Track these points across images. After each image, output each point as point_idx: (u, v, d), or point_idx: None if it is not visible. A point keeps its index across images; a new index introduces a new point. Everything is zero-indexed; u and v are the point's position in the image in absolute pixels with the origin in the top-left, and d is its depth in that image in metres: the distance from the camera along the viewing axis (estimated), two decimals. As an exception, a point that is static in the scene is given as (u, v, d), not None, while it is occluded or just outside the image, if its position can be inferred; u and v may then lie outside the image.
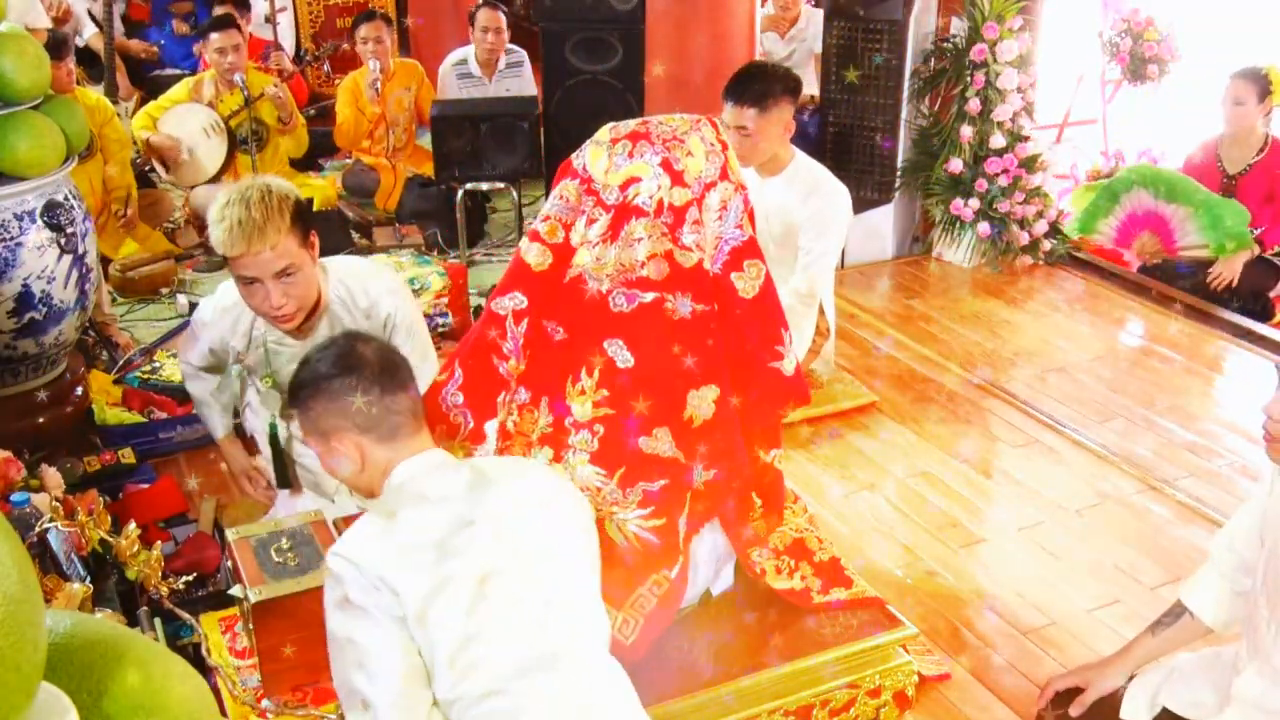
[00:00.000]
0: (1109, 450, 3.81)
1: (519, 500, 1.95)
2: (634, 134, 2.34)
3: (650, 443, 2.32)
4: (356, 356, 1.98)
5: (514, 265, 2.43)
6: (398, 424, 1.96)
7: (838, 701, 2.55)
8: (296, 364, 2.09)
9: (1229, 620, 2.21)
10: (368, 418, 1.94)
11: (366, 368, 1.96)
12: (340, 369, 1.96)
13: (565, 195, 2.39)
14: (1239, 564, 2.16)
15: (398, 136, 5.94)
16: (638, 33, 5.04)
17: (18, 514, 2.49)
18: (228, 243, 2.48)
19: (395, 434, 1.96)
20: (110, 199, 4.96)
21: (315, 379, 1.98)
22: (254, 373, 2.84)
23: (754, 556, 2.69)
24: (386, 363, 2.01)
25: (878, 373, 4.34)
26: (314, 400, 1.98)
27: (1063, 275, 5.23)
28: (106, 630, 1.06)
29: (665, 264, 2.31)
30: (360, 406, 1.94)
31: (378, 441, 1.96)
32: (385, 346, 2.09)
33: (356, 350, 2.00)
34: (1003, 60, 5.00)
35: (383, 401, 1.95)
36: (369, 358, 1.99)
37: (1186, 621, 2.24)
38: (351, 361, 1.97)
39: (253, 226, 2.45)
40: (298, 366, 2.05)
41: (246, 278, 2.54)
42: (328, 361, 1.99)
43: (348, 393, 1.94)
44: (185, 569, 2.75)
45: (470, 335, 2.52)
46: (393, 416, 1.96)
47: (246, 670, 2.41)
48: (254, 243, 2.46)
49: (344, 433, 1.96)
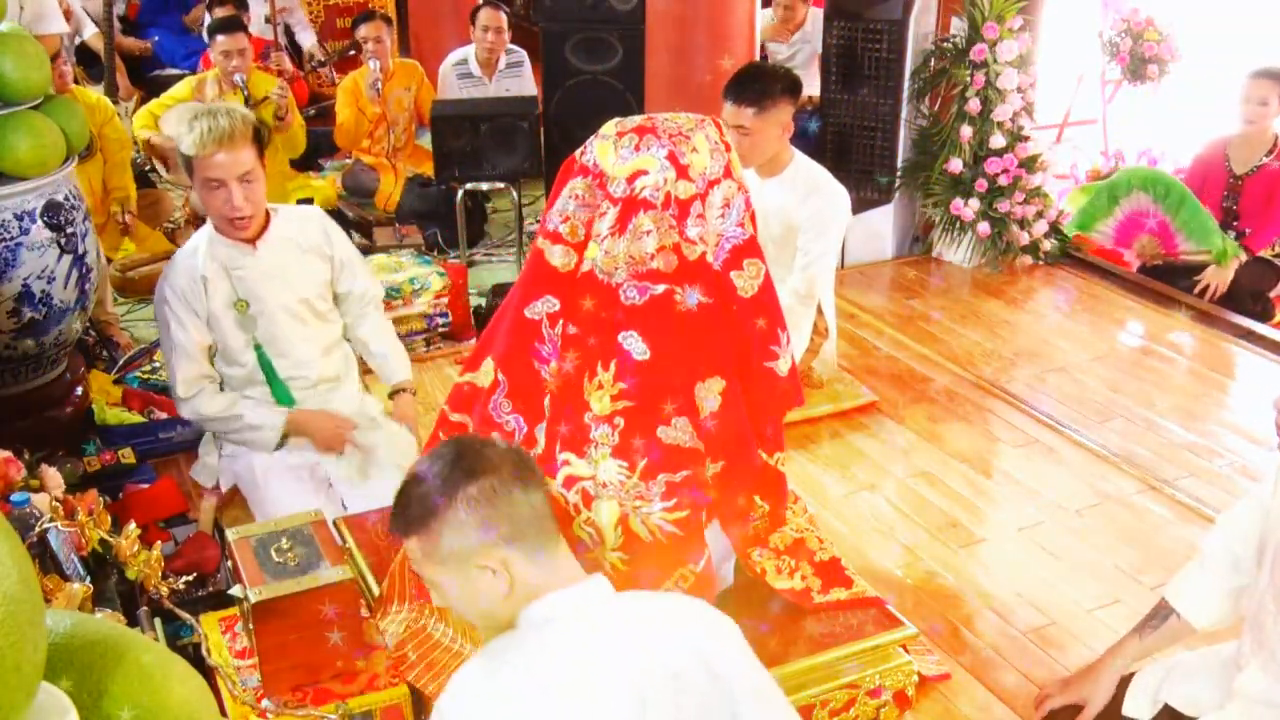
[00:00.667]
0: (1109, 450, 3.81)
1: (693, 646, 1.61)
2: (640, 128, 2.35)
3: (671, 433, 2.33)
4: (483, 457, 1.67)
5: (537, 269, 2.42)
6: (547, 532, 1.67)
7: (838, 701, 2.55)
8: (257, 282, 2.57)
9: (1217, 621, 2.21)
10: (514, 524, 1.63)
11: (503, 465, 1.67)
12: (472, 471, 1.65)
13: (577, 194, 2.39)
14: (1234, 563, 2.16)
15: (397, 136, 5.95)
16: (638, 33, 5.04)
17: (18, 514, 2.48)
18: (200, 144, 2.78)
19: (544, 544, 1.66)
20: (110, 199, 4.97)
21: (444, 489, 1.64)
22: (223, 320, 3.01)
23: (754, 556, 2.69)
24: (518, 456, 1.73)
25: (878, 373, 4.34)
26: (444, 516, 1.63)
27: (1063, 275, 5.23)
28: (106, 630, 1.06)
29: (674, 256, 2.32)
30: (506, 511, 1.63)
31: (527, 556, 1.64)
32: (502, 442, 1.78)
33: (478, 450, 1.70)
34: (1003, 60, 5.00)
35: (529, 500, 1.66)
36: (497, 454, 1.69)
37: (1173, 623, 2.25)
38: (481, 463, 1.66)
39: (221, 131, 2.78)
40: (407, 484, 1.73)
41: (213, 179, 2.83)
42: (452, 467, 1.66)
43: (490, 497, 1.63)
44: (185, 569, 2.75)
45: (501, 341, 2.50)
46: (542, 521, 1.67)
47: (246, 670, 2.41)
48: (224, 144, 2.78)
49: (489, 549, 1.62)
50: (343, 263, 3.17)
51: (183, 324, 2.97)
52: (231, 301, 2.99)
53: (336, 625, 2.35)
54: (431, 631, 2.54)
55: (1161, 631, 2.26)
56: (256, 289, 3.00)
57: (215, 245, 2.98)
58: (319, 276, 3.12)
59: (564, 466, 2.40)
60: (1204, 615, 2.21)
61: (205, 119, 2.80)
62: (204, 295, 2.97)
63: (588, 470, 2.36)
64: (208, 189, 2.87)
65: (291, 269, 3.04)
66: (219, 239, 2.98)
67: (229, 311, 3.00)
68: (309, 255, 3.09)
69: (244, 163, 2.83)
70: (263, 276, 3.00)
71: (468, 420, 2.51)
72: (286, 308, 3.04)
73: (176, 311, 2.97)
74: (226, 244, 2.98)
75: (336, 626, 2.36)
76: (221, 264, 2.98)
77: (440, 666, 2.46)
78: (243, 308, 3.00)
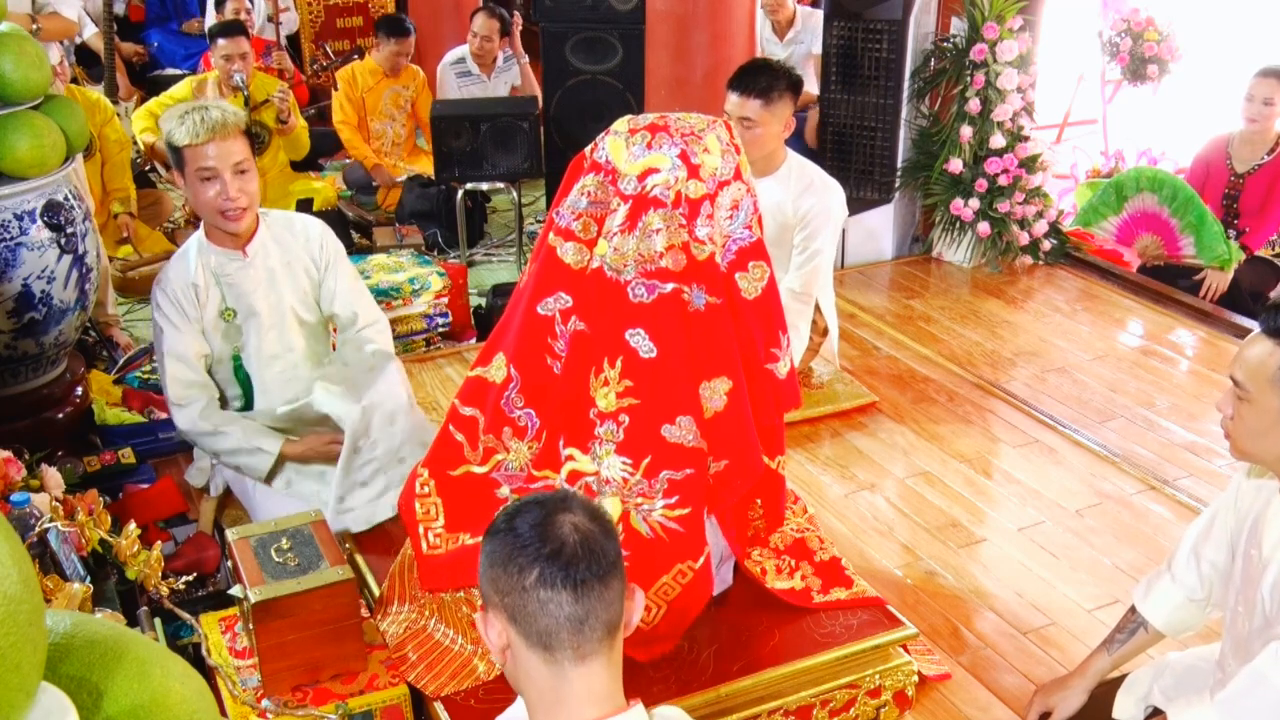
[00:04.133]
0: (1109, 450, 3.81)
1: None
2: (652, 126, 2.36)
3: (674, 431, 2.33)
4: (561, 537, 1.44)
5: (549, 266, 2.42)
6: (586, 652, 1.43)
7: (838, 701, 2.55)
8: (248, 290, 2.56)
9: (1186, 629, 2.27)
10: (539, 629, 1.43)
11: (582, 560, 1.43)
12: (539, 544, 1.44)
13: (589, 191, 2.39)
14: (1204, 572, 2.18)
15: (395, 132, 5.98)
16: (638, 33, 5.04)
17: (18, 514, 2.48)
18: (193, 133, 2.77)
19: (583, 658, 1.43)
20: (110, 199, 4.97)
21: (510, 535, 1.46)
22: (212, 330, 2.98)
23: (755, 556, 2.70)
24: (597, 558, 1.44)
25: (878, 373, 4.34)
26: (491, 554, 1.48)
27: (1063, 275, 5.23)
28: (106, 630, 1.06)
29: (682, 255, 2.33)
30: (534, 609, 1.42)
31: (547, 662, 1.44)
32: (596, 529, 1.48)
33: (564, 522, 1.46)
34: (1003, 60, 5.00)
35: (578, 610, 1.42)
36: (577, 541, 1.44)
37: (1141, 636, 2.30)
38: (557, 545, 1.43)
39: (213, 121, 2.78)
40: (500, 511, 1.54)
41: (206, 170, 2.80)
42: (528, 525, 1.46)
43: (528, 585, 1.42)
44: (185, 569, 2.76)
45: (513, 336, 2.50)
46: (586, 633, 1.43)
47: (246, 670, 2.41)
48: (216, 133, 2.77)
49: (497, 616, 1.47)
50: (336, 277, 3.05)
51: (178, 329, 2.94)
52: (220, 310, 2.97)
53: (336, 625, 2.36)
54: (432, 632, 2.54)
55: (1131, 645, 2.32)
56: (247, 297, 2.96)
57: (205, 253, 2.95)
58: (306, 284, 3.06)
59: (568, 461, 2.41)
60: (1174, 625, 2.26)
61: (196, 112, 2.79)
62: (197, 302, 2.94)
63: (591, 466, 2.36)
64: (200, 181, 2.82)
65: (280, 276, 3.00)
66: (209, 246, 2.95)
67: (219, 321, 2.97)
68: (297, 263, 3.03)
69: (236, 152, 2.81)
70: (252, 283, 2.96)
71: (478, 415, 2.52)
72: (277, 315, 3.01)
73: (170, 317, 2.94)
74: (217, 251, 2.94)
75: (336, 626, 2.36)
76: (212, 271, 2.95)
77: (440, 666, 2.46)
78: (230, 316, 2.97)
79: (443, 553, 2.54)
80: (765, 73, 3.65)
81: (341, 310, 3.10)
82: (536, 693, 1.46)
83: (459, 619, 2.52)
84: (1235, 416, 1.91)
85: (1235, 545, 2.08)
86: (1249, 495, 2.06)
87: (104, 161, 4.90)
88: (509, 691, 1.58)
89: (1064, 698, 2.33)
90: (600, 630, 1.43)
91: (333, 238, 3.12)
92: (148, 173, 5.60)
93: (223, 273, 2.95)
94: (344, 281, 3.09)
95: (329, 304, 3.10)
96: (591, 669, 1.43)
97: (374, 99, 5.98)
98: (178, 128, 2.79)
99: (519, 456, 2.48)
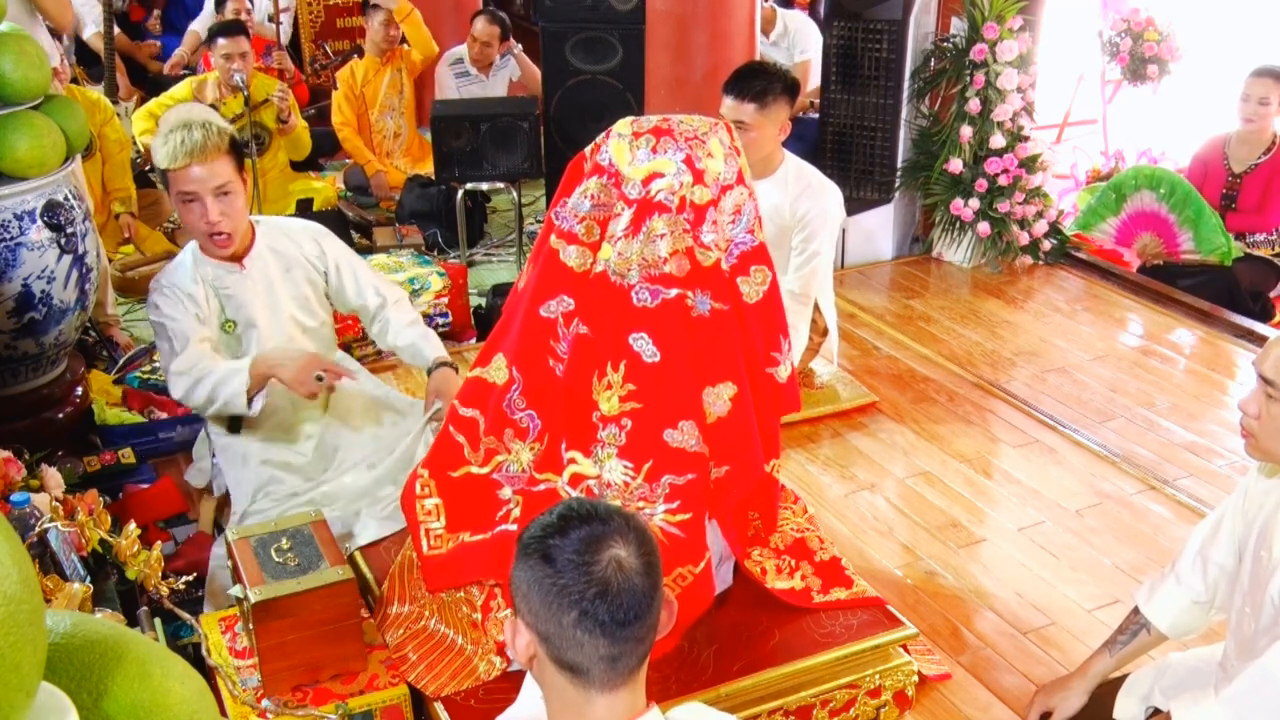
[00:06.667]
0: (1109, 450, 3.81)
1: None
2: (657, 129, 2.34)
3: (677, 435, 2.33)
4: (605, 579, 1.39)
5: (550, 268, 2.41)
6: (617, 684, 1.42)
7: (838, 701, 2.55)
8: (246, 301, 2.53)
9: (1190, 632, 2.26)
10: (571, 661, 1.40)
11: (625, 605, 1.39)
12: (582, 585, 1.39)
13: (591, 193, 2.38)
14: (1210, 575, 2.18)
15: (396, 123, 5.98)
16: (638, 33, 5.04)
17: (18, 514, 2.48)
18: (172, 156, 2.72)
19: (613, 689, 1.42)
20: (110, 199, 4.96)
21: (547, 565, 1.41)
22: (217, 343, 2.93)
23: (755, 556, 2.70)
24: (639, 599, 1.40)
25: (878, 373, 4.34)
26: (527, 580, 1.42)
27: (1063, 275, 5.23)
28: (106, 630, 1.06)
29: (686, 260, 2.32)
30: (569, 645, 1.39)
31: (574, 684, 1.42)
32: (640, 564, 1.43)
33: (609, 560, 1.40)
34: (1003, 60, 5.00)
35: (614, 650, 1.39)
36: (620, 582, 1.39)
37: (1143, 638, 2.29)
38: (600, 587, 1.39)
39: (194, 144, 2.72)
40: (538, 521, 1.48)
41: (187, 193, 2.77)
42: (569, 557, 1.40)
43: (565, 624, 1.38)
44: (185, 569, 2.75)
45: (514, 338, 2.50)
46: (619, 668, 1.41)
47: (246, 670, 2.41)
48: (196, 156, 2.72)
49: (528, 629, 1.44)
50: (340, 275, 3.07)
51: (178, 320, 2.88)
52: (220, 323, 2.94)
53: (336, 625, 2.36)
54: (432, 632, 2.54)
55: (1133, 646, 2.31)
56: (245, 308, 2.93)
57: (201, 265, 2.92)
58: (307, 290, 3.04)
59: (570, 464, 2.40)
60: (1178, 628, 2.25)
61: (180, 132, 2.74)
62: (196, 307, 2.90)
63: (593, 469, 2.36)
64: (182, 203, 2.80)
65: (278, 285, 2.97)
66: (204, 259, 2.91)
67: (220, 334, 2.94)
68: (296, 270, 3.01)
69: (219, 175, 2.76)
70: (250, 293, 2.93)
71: (478, 415, 2.52)
72: (276, 324, 2.98)
73: (171, 313, 2.88)
74: (212, 264, 2.91)
75: (336, 626, 2.36)
76: (210, 284, 2.92)
77: (440, 667, 2.46)
78: (230, 328, 2.95)
79: (443, 553, 2.54)
80: (760, 76, 3.65)
81: (366, 301, 3.09)
82: (559, 703, 1.45)
83: (459, 619, 2.52)
84: (1264, 415, 1.89)
85: (1243, 548, 2.07)
86: (1258, 498, 2.05)
87: (104, 161, 4.90)
88: (509, 691, 1.59)
89: (1064, 698, 2.33)
90: (634, 662, 1.42)
91: (332, 239, 3.11)
92: (148, 173, 5.59)
93: (220, 285, 2.92)
94: (357, 276, 3.08)
95: (346, 303, 3.10)
96: (619, 695, 1.43)
97: (374, 90, 5.98)
98: (161, 147, 2.76)
99: (520, 458, 2.48)
